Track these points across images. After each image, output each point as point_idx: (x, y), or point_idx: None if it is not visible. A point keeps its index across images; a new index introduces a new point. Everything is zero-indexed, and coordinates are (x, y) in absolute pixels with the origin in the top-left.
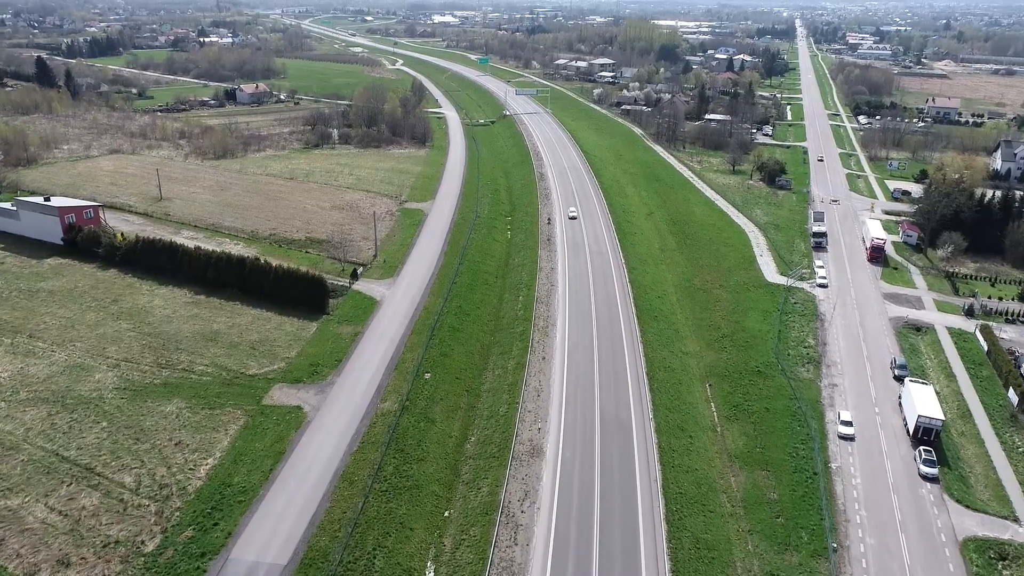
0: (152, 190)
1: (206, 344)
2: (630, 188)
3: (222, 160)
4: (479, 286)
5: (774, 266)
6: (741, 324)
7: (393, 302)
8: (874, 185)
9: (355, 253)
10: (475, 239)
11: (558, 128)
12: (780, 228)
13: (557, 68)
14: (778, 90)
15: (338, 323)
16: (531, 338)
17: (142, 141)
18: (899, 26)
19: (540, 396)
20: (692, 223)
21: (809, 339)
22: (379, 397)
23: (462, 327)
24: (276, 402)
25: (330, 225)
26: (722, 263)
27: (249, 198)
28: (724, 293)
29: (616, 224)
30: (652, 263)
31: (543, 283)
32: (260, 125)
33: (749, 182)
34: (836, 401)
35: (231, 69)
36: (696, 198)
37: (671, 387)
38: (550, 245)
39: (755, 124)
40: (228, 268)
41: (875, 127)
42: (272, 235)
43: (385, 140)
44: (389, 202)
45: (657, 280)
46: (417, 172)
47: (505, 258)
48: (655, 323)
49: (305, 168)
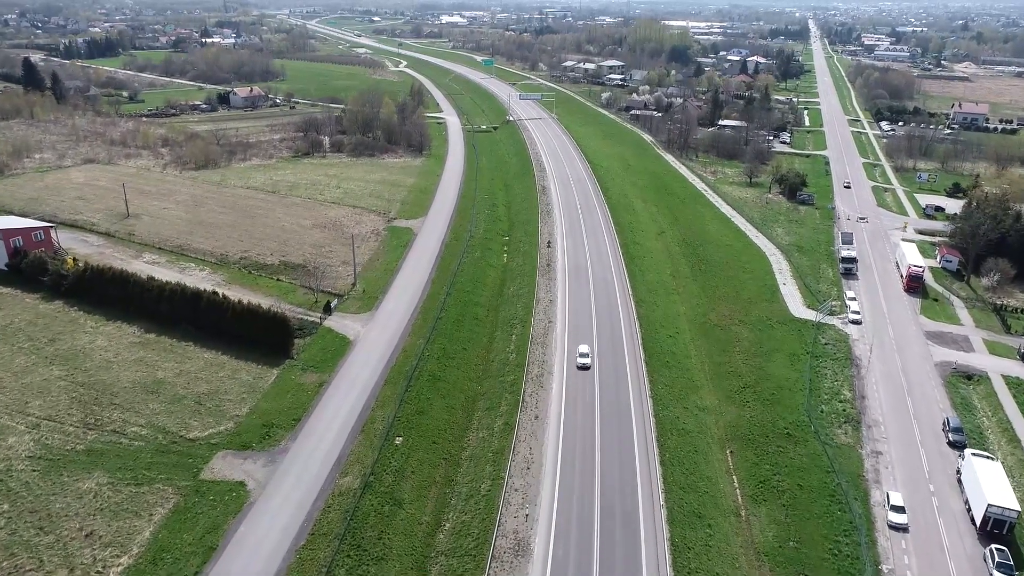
0: (121, 205)
1: (146, 397)
2: (639, 202)
3: (202, 171)
4: (467, 321)
5: (800, 297)
6: (765, 371)
7: (368, 342)
8: (903, 199)
9: (332, 281)
10: (467, 264)
11: (563, 135)
12: (804, 250)
13: (564, 70)
14: (794, 93)
15: (302, 370)
16: (523, 390)
17: (121, 149)
18: (915, 27)
19: (530, 469)
20: (707, 244)
21: (844, 390)
22: (339, 470)
23: (444, 374)
24: (216, 475)
25: (308, 247)
26: (741, 293)
27: (224, 215)
28: (745, 331)
29: (623, 246)
30: (663, 293)
31: (540, 318)
32: (250, 131)
33: (768, 196)
34: (882, 475)
35: (228, 71)
36: (710, 214)
37: (686, 457)
38: (550, 271)
39: (772, 131)
40: (182, 303)
41: (899, 134)
42: (243, 259)
43: (379, 148)
44: (376, 219)
45: (669, 315)
46: (410, 185)
47: (499, 287)
48: (667, 371)
49: (290, 180)
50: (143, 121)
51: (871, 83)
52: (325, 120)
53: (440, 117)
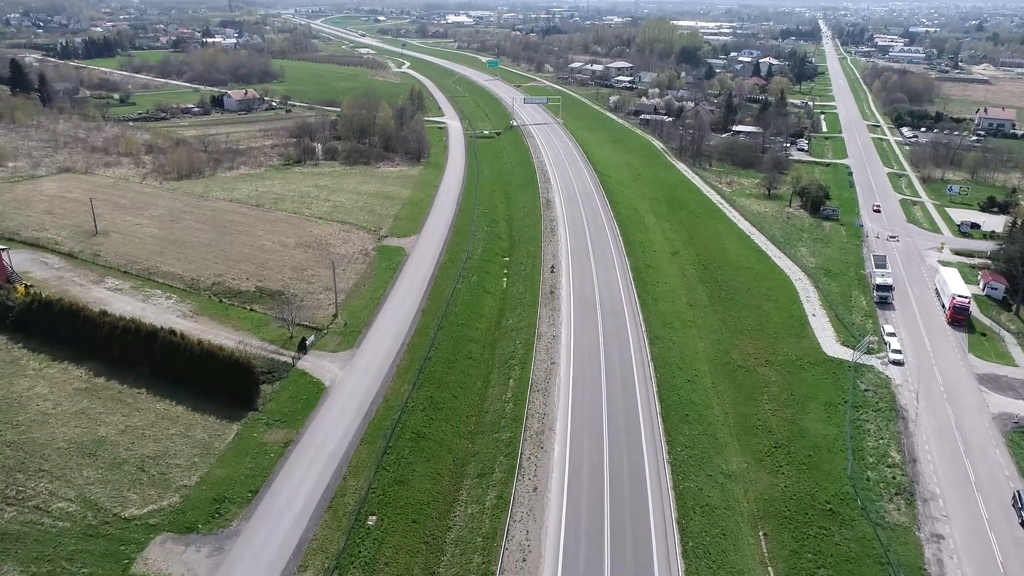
0: (92, 220)
1: (81, 462)
2: (651, 218)
3: (184, 181)
4: (460, 361)
5: (831, 331)
6: (799, 425)
7: (345, 389)
8: (933, 214)
9: (311, 311)
10: (462, 290)
11: (569, 142)
12: (832, 274)
13: (571, 72)
14: (809, 97)
15: (267, 425)
16: (520, 451)
17: (101, 157)
18: (927, 27)
19: (526, 561)
20: (726, 266)
21: (892, 451)
22: (297, 561)
23: (430, 430)
24: (151, 569)
25: (288, 270)
26: (766, 326)
27: (201, 232)
28: (773, 373)
29: (634, 269)
30: (680, 327)
31: (541, 358)
32: (241, 137)
33: (788, 210)
34: (947, 568)
35: (226, 72)
36: (728, 231)
37: (712, 543)
38: (553, 300)
39: (788, 137)
40: (136, 343)
41: (923, 141)
42: (216, 284)
43: (375, 156)
44: (365, 238)
45: (686, 354)
46: (405, 197)
47: (497, 318)
48: (686, 427)
49: (277, 192)
50: (130, 126)
51: (889, 86)
52: (319, 125)
53: (441, 122)
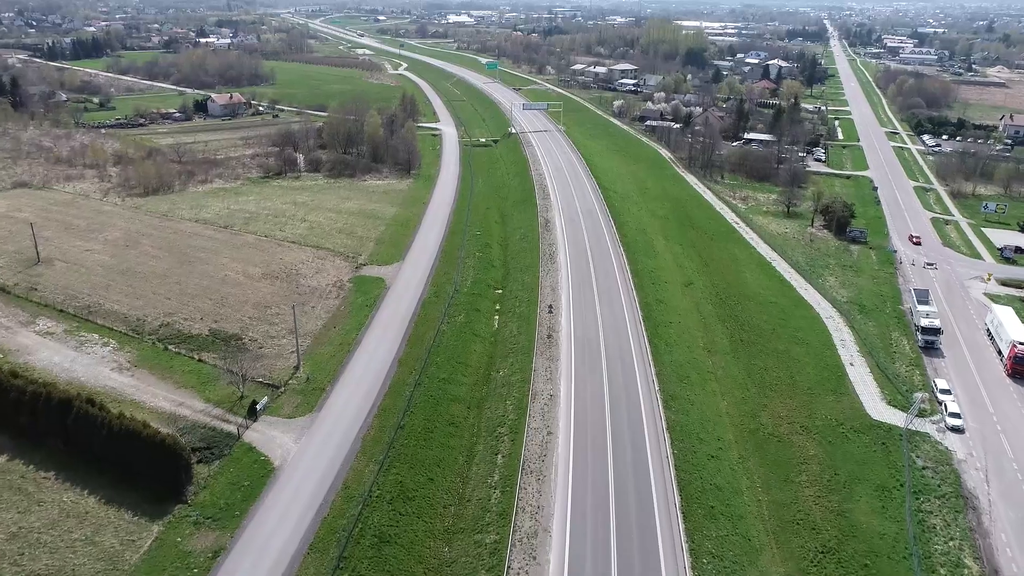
0: (39, 243)
1: None
2: (660, 240)
3: (150, 197)
4: (439, 430)
5: (874, 385)
6: (849, 519)
7: (298, 471)
8: (970, 235)
9: (270, 361)
10: (447, 334)
11: (571, 152)
12: (867, 310)
13: (573, 74)
14: (821, 101)
15: (195, 525)
16: (507, 563)
17: (64, 169)
18: (935, 28)
19: None
20: (746, 301)
21: (966, 557)
22: None
23: (397, 531)
24: None
25: (250, 308)
26: (798, 378)
27: (156, 260)
28: (811, 444)
29: (644, 306)
30: (698, 381)
31: (536, 426)
32: (221, 145)
33: (811, 230)
34: None
35: (214, 74)
36: (747, 257)
37: None
38: (551, 346)
39: (804, 146)
40: (48, 413)
41: (947, 151)
42: (164, 326)
43: (361, 168)
44: (341, 266)
45: (707, 418)
46: (390, 216)
47: (486, 368)
48: (713, 526)
49: (250, 210)
50: (102, 133)
51: (905, 91)
52: (303, 133)
53: (436, 128)
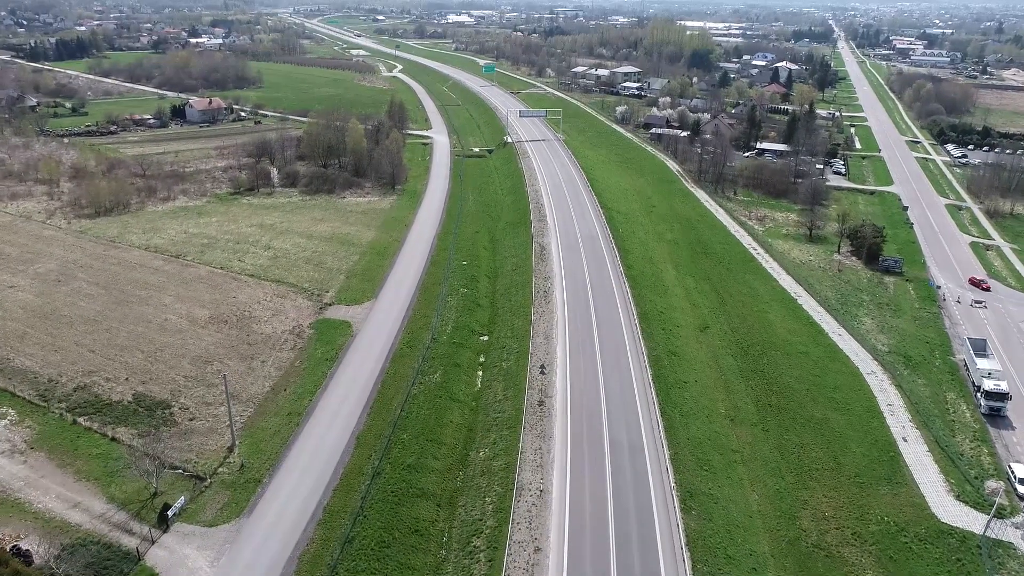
0: None
1: None
2: (670, 271)
3: (101, 219)
4: (398, 542)
5: (936, 470)
6: None
7: None
8: (1016, 264)
9: (201, 438)
10: (419, 399)
11: (570, 165)
12: (913, 362)
13: (574, 77)
14: (835, 106)
15: None
16: None
17: (11, 186)
18: (942, 28)
19: None
20: (772, 351)
21: None
22: None
23: None
24: None
25: (188, 363)
26: (842, 459)
27: (89, 300)
28: (867, 560)
29: (655, 361)
30: (722, 467)
31: (521, 536)
32: (192, 156)
33: (837, 257)
34: None
35: (198, 77)
36: (768, 292)
37: None
38: (543, 417)
39: (822, 157)
40: None
41: (975, 162)
42: (80, 389)
43: (342, 183)
44: (303, 307)
45: (736, 521)
46: (367, 242)
47: (463, 446)
48: None
49: (210, 234)
50: (65, 143)
51: (923, 96)
52: (280, 144)
53: (427, 136)
